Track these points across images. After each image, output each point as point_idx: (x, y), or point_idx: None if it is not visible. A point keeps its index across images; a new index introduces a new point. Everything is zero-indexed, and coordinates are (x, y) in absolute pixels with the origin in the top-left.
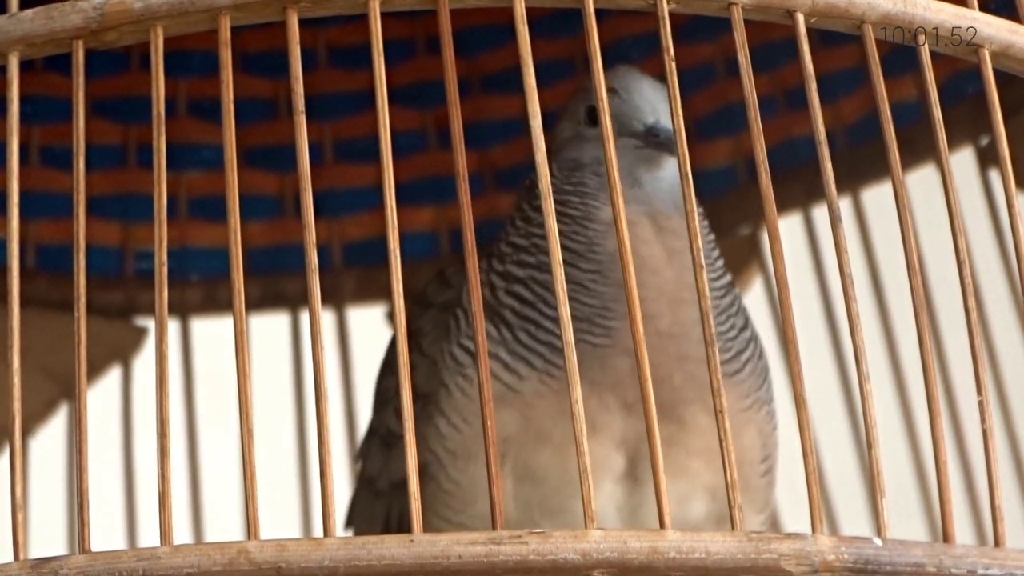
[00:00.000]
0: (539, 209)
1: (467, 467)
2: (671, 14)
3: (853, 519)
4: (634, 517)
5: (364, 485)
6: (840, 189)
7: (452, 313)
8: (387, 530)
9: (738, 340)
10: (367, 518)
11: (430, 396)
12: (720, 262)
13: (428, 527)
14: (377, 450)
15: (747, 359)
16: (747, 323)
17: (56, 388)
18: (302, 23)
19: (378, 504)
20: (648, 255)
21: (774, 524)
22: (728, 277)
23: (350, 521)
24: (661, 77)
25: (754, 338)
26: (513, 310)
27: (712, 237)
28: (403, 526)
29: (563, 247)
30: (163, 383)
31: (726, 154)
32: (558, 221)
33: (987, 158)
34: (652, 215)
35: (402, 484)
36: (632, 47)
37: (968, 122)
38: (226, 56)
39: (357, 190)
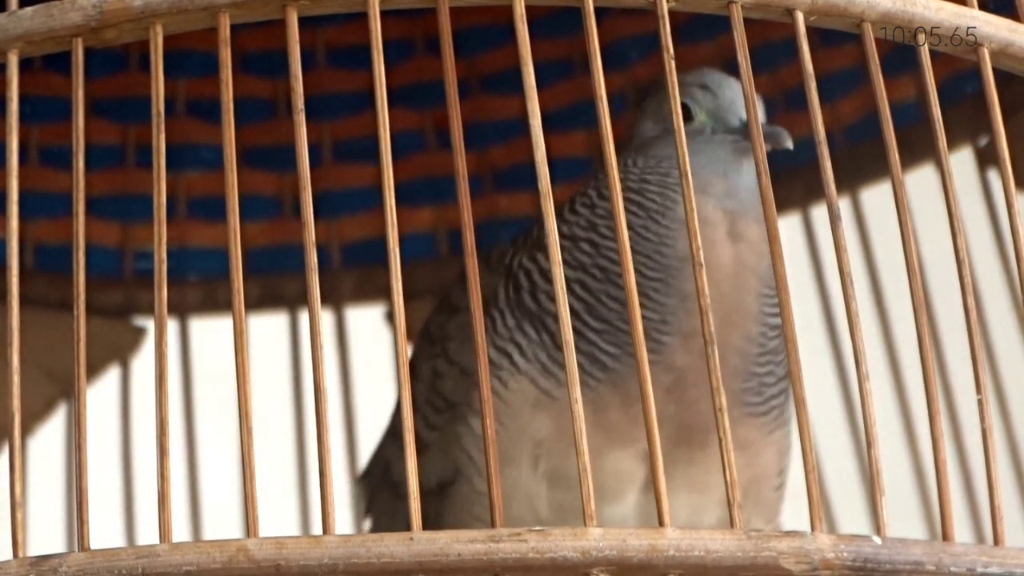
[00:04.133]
0: (607, 199)
1: (502, 469)
2: (671, 13)
3: (852, 519)
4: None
5: (388, 489)
6: (839, 189)
7: (487, 314)
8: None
9: (774, 387)
10: (389, 518)
11: (459, 403)
12: None
13: (463, 527)
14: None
15: (775, 405)
16: (786, 373)
17: (55, 388)
18: (301, 22)
19: (402, 506)
20: (713, 264)
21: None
22: None
23: (369, 511)
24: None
25: (788, 386)
26: (556, 317)
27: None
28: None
29: (631, 247)
30: (162, 382)
31: None
32: (631, 213)
33: (986, 158)
34: (732, 217)
35: (431, 491)
36: (632, 47)
37: (967, 122)
38: (225, 55)
39: (356, 190)
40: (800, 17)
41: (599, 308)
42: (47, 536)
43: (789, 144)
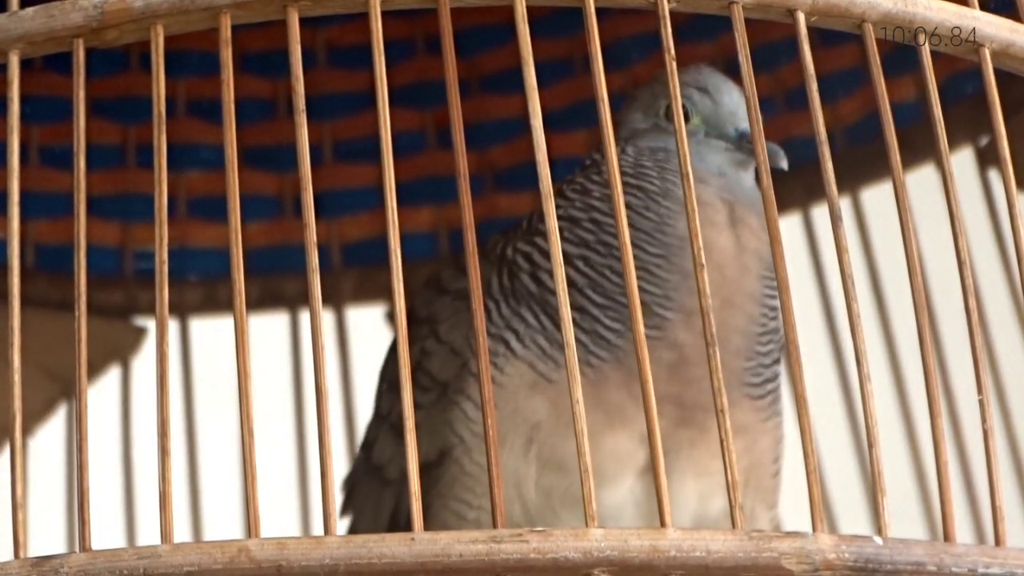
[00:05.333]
0: (599, 183)
1: None
2: (672, 13)
3: (853, 519)
4: (652, 514)
5: (370, 473)
6: (840, 189)
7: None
8: (396, 519)
9: (769, 370)
10: (372, 507)
11: (450, 383)
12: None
13: (447, 512)
14: (387, 437)
15: (771, 389)
16: (779, 358)
17: (55, 388)
18: (301, 22)
19: (387, 492)
20: (715, 245)
21: (776, 522)
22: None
23: (346, 509)
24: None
25: (779, 373)
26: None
27: None
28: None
29: (631, 225)
30: (163, 382)
31: None
32: (630, 195)
33: (987, 158)
34: (731, 205)
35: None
36: (632, 47)
37: (968, 122)
38: (226, 55)
39: (356, 190)
40: (801, 18)
41: (603, 283)
42: (48, 537)
43: (784, 164)
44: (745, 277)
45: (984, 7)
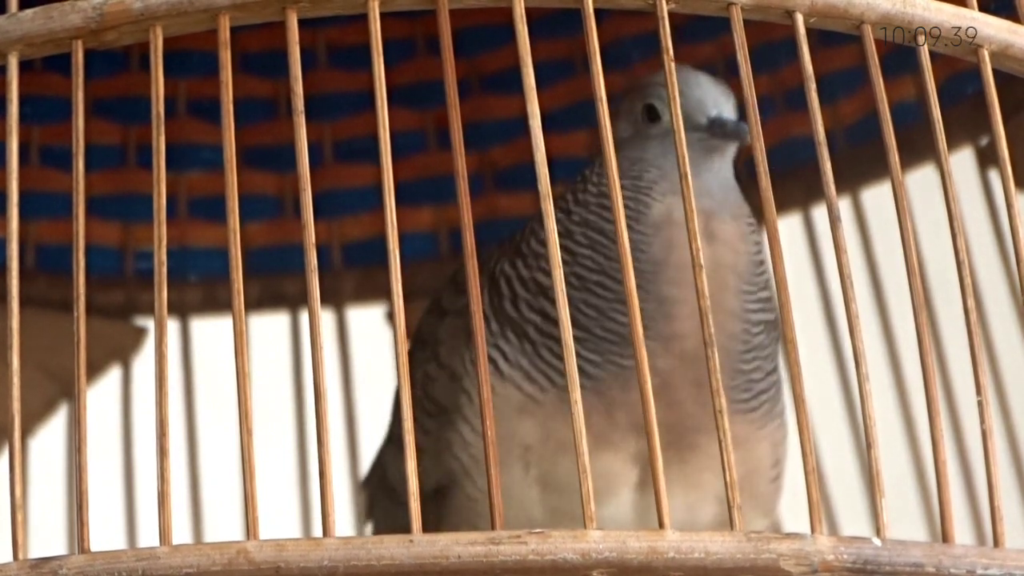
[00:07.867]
0: (582, 203)
1: None
2: (671, 14)
3: (852, 519)
4: (651, 523)
5: (385, 494)
6: (839, 189)
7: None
8: None
9: (763, 382)
10: (389, 525)
11: (450, 408)
12: (766, 294)
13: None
14: (400, 459)
15: (766, 400)
16: (776, 367)
17: (56, 388)
18: (301, 23)
19: (401, 513)
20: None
21: (775, 527)
22: (771, 315)
23: (369, 516)
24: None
25: (778, 379)
26: (536, 326)
27: (761, 258)
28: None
29: (606, 254)
30: (163, 383)
31: None
32: (605, 220)
33: (987, 158)
34: (706, 217)
35: (428, 495)
36: (632, 47)
37: (968, 122)
38: (226, 56)
39: (356, 190)
40: (800, 19)
41: (578, 316)
42: (48, 538)
43: (747, 139)
44: (723, 294)
45: (984, 7)
